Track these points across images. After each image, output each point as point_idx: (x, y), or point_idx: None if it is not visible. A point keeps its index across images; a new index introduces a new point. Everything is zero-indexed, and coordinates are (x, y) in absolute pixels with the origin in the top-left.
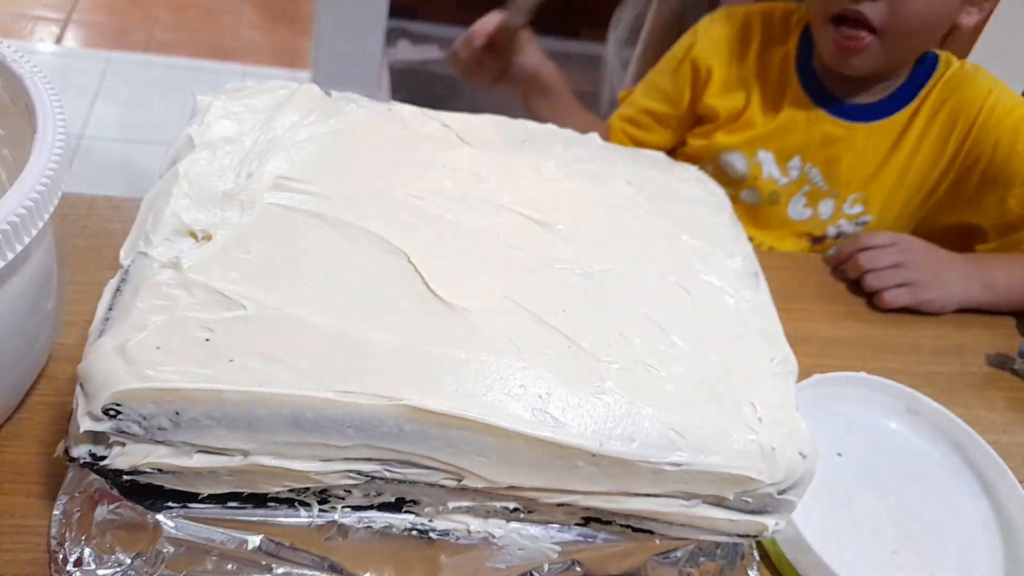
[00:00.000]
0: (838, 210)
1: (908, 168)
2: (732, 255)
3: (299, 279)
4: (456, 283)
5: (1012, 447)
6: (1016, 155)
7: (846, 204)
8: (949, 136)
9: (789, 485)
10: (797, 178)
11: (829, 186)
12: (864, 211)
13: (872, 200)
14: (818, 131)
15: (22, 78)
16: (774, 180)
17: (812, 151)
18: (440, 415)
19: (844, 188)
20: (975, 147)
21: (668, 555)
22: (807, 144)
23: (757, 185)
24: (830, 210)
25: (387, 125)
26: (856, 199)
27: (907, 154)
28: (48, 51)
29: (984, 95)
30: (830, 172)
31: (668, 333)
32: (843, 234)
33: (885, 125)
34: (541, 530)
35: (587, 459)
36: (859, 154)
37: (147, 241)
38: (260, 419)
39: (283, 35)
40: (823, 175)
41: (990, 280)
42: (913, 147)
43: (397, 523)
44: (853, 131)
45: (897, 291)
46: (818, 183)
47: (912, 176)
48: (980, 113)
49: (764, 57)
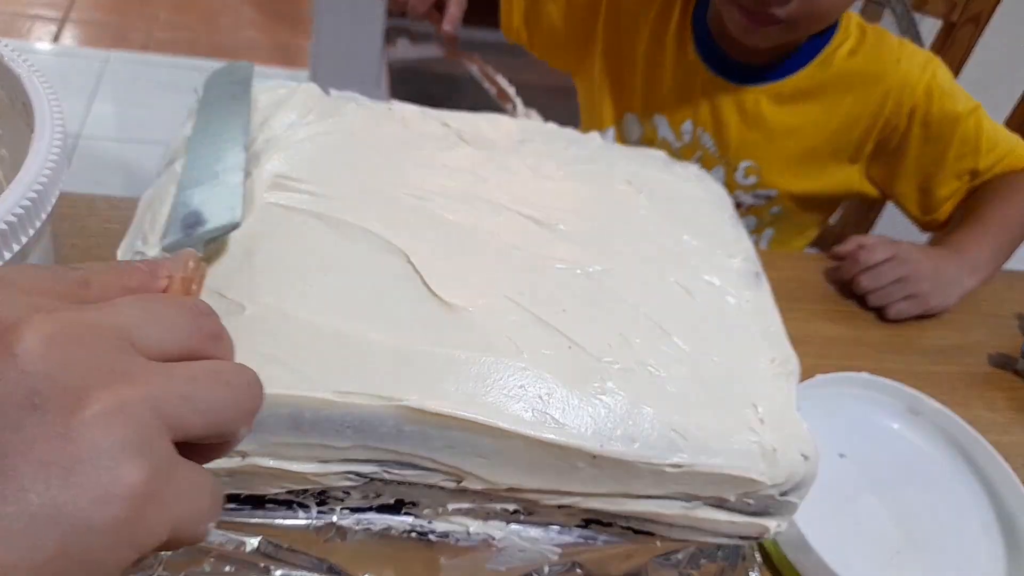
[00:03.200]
0: (730, 178)
1: (812, 138)
2: (733, 255)
3: (298, 279)
4: (456, 283)
5: (1014, 447)
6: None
7: (739, 173)
8: (862, 109)
9: (791, 486)
10: (690, 142)
11: (720, 152)
12: (759, 183)
13: (766, 170)
14: (708, 93)
15: (20, 77)
16: (668, 143)
17: (703, 114)
18: (440, 416)
19: (733, 155)
20: (892, 119)
21: (669, 557)
22: (698, 107)
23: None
24: (721, 177)
25: (386, 124)
26: (748, 168)
27: (809, 123)
28: (46, 50)
29: (894, 66)
30: (720, 137)
31: (669, 333)
32: (742, 204)
33: (776, 88)
34: (541, 532)
35: (588, 460)
36: (749, 119)
37: (145, 240)
38: (258, 420)
39: (282, 34)
40: (713, 140)
41: (974, 262)
42: (818, 117)
43: (396, 525)
44: (743, 94)
45: (901, 306)
46: (709, 148)
47: (816, 145)
48: (892, 87)
49: (663, 12)
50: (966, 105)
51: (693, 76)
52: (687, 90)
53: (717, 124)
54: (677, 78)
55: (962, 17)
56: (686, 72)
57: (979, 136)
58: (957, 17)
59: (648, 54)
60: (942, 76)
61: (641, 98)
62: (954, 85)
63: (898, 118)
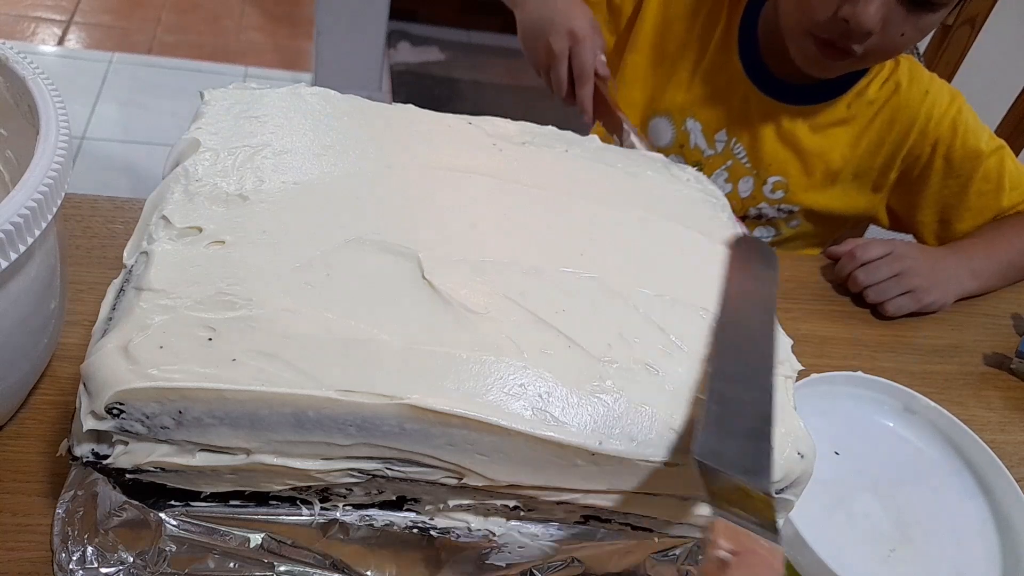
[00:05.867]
0: (758, 190)
1: (839, 160)
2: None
3: (302, 278)
4: (457, 283)
5: (1009, 446)
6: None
7: (766, 187)
8: (887, 136)
9: (787, 484)
10: (722, 151)
11: (751, 164)
12: (785, 197)
13: (794, 187)
14: (747, 106)
15: (25, 79)
16: (700, 151)
17: (739, 126)
18: (441, 414)
19: (764, 169)
20: (915, 148)
21: (667, 553)
22: (734, 118)
23: (683, 154)
24: (749, 188)
25: (389, 126)
26: (777, 183)
27: (839, 146)
28: (50, 52)
29: (921, 97)
30: (754, 150)
31: (667, 333)
32: (763, 216)
33: (812, 111)
34: (541, 528)
35: (587, 458)
36: (782, 137)
37: (151, 241)
38: (262, 418)
39: (285, 37)
40: (747, 151)
41: (976, 269)
42: (848, 141)
43: (398, 521)
44: (782, 112)
45: (899, 301)
46: (741, 159)
47: (844, 169)
48: (918, 118)
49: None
50: (989, 144)
51: (735, 88)
52: (727, 100)
53: (753, 138)
54: (718, 87)
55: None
56: (728, 82)
57: (1002, 174)
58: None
59: (691, 58)
60: (967, 112)
61: (678, 102)
62: (978, 123)
63: (921, 148)
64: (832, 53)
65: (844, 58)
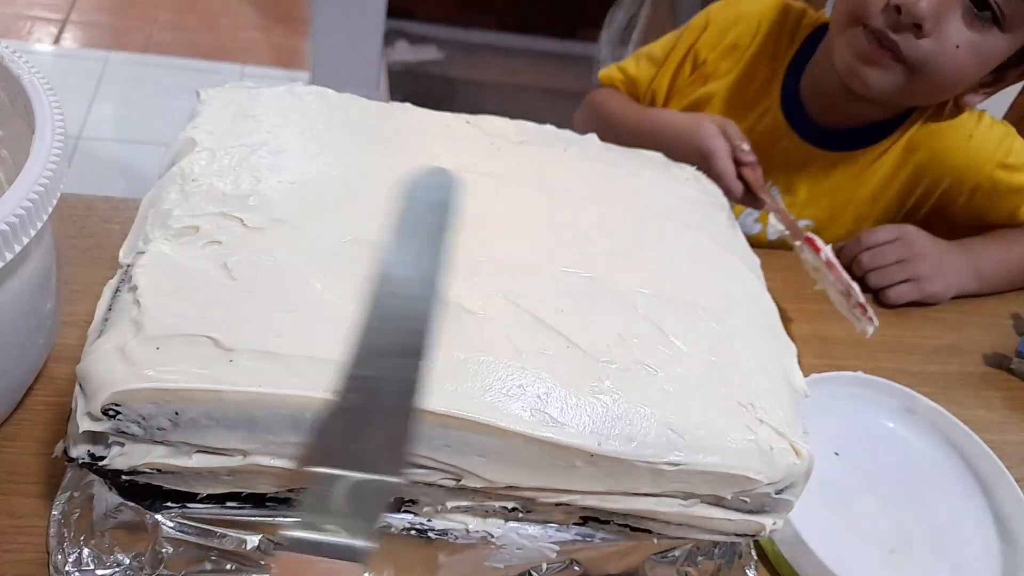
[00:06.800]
0: None
1: (869, 206)
2: (731, 254)
3: (299, 279)
4: (455, 283)
5: (1009, 446)
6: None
7: None
8: (922, 179)
9: (787, 485)
10: None
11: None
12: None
13: (822, 225)
14: (784, 150)
15: (20, 78)
16: None
17: (776, 171)
18: (439, 415)
19: (798, 212)
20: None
21: (666, 554)
22: (773, 163)
23: None
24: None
25: (387, 125)
26: (806, 226)
27: (869, 192)
28: (46, 51)
29: (964, 143)
30: (788, 194)
31: (666, 333)
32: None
33: (849, 158)
34: (539, 530)
35: (585, 459)
36: (819, 182)
37: (147, 241)
38: (259, 419)
39: (282, 35)
40: (781, 195)
41: (982, 270)
42: (877, 186)
43: (396, 523)
44: (816, 157)
45: (901, 288)
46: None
47: (872, 214)
48: (959, 165)
49: (756, 61)
50: None
51: (774, 133)
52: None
53: (788, 182)
54: (756, 130)
55: None
56: (769, 127)
57: None
58: None
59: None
60: (1019, 150)
61: None
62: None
63: (958, 192)
64: (880, 51)
65: (891, 61)
